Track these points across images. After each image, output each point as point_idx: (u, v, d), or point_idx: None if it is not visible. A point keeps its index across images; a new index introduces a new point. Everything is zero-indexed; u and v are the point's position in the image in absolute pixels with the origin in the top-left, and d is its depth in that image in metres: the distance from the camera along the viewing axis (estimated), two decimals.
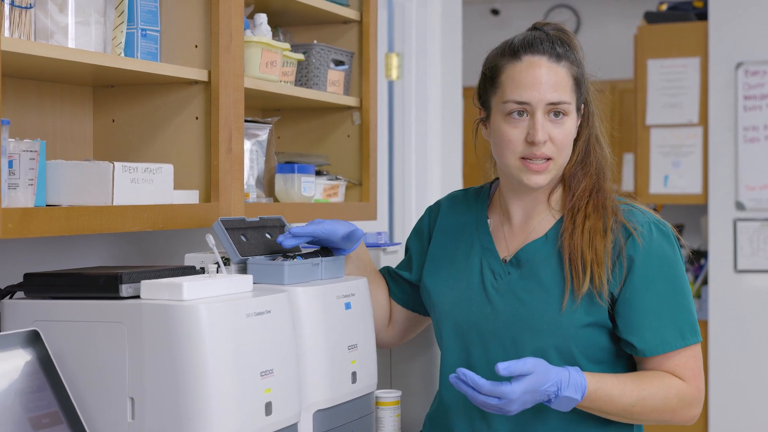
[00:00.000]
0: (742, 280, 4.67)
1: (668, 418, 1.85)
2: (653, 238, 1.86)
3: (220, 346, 1.56)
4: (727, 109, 4.72)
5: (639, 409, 1.82)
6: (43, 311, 1.64)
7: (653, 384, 1.83)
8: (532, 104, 1.84)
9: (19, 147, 1.65)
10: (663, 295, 1.85)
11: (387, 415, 1.97)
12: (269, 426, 1.64)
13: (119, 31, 1.89)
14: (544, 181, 1.87)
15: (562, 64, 1.87)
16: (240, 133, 2.09)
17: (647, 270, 1.85)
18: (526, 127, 1.85)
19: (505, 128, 1.87)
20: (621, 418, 1.85)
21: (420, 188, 4.24)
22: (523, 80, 1.85)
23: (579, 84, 1.90)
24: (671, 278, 1.86)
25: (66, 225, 1.66)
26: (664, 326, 1.84)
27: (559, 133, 1.85)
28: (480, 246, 1.96)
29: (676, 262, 1.87)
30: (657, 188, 4.89)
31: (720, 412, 4.67)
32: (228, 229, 1.82)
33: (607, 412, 1.82)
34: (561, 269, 1.87)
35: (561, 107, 1.85)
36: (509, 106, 1.86)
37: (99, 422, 1.59)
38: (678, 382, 1.85)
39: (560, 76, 1.86)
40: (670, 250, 1.87)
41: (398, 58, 4.13)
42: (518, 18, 7.36)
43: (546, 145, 1.85)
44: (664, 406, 1.83)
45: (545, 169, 1.86)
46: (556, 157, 1.86)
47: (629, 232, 1.86)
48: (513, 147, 1.86)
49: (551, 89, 1.84)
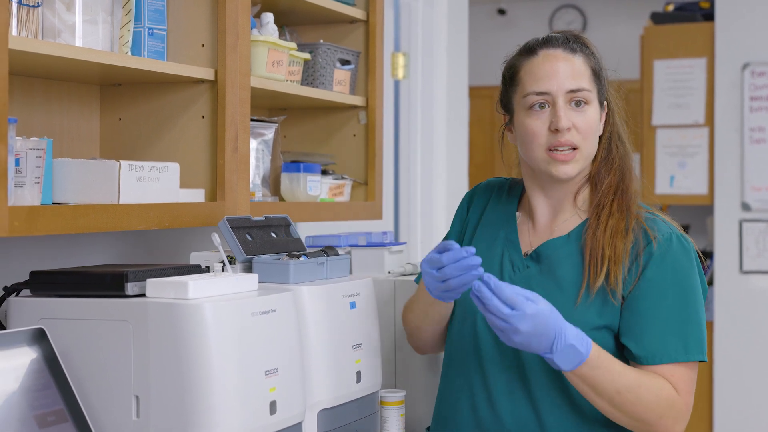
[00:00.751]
0: (748, 281, 4.66)
1: (652, 422, 1.80)
2: (671, 249, 1.85)
3: (225, 345, 1.56)
4: (733, 110, 4.72)
5: (631, 398, 1.78)
6: (49, 309, 1.65)
7: (651, 379, 1.81)
8: (552, 93, 1.86)
9: (26, 145, 1.65)
10: (671, 306, 1.83)
11: (391, 414, 1.97)
12: (274, 425, 1.65)
13: (126, 29, 1.89)
14: (572, 171, 1.87)
15: (577, 55, 1.89)
16: (246, 132, 2.09)
17: (659, 278, 1.83)
18: (548, 118, 1.86)
19: (528, 122, 1.88)
20: (608, 405, 1.79)
21: (425, 188, 4.24)
22: (541, 72, 1.87)
23: (598, 76, 1.91)
24: (683, 291, 1.84)
25: (72, 223, 1.66)
26: (667, 336, 1.82)
27: (582, 121, 1.86)
28: (504, 237, 1.96)
29: (691, 277, 1.86)
30: (663, 189, 4.88)
31: (725, 413, 4.67)
32: (233, 228, 1.82)
33: (601, 390, 1.77)
34: (579, 267, 1.87)
35: (581, 95, 1.87)
36: (530, 99, 1.87)
37: (104, 420, 1.60)
38: (673, 390, 1.82)
39: (577, 65, 1.88)
40: (687, 264, 1.86)
41: (404, 58, 4.13)
42: (524, 18, 7.36)
43: (570, 133, 1.86)
44: (655, 405, 1.79)
45: (572, 158, 1.87)
46: (581, 145, 1.87)
47: (649, 239, 1.86)
48: (538, 139, 1.87)
49: (569, 77, 1.86)
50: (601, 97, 1.92)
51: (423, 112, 4.21)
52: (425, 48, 4.20)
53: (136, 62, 1.87)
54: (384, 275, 2.31)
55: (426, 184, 4.23)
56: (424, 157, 4.22)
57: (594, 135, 1.90)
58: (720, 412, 4.67)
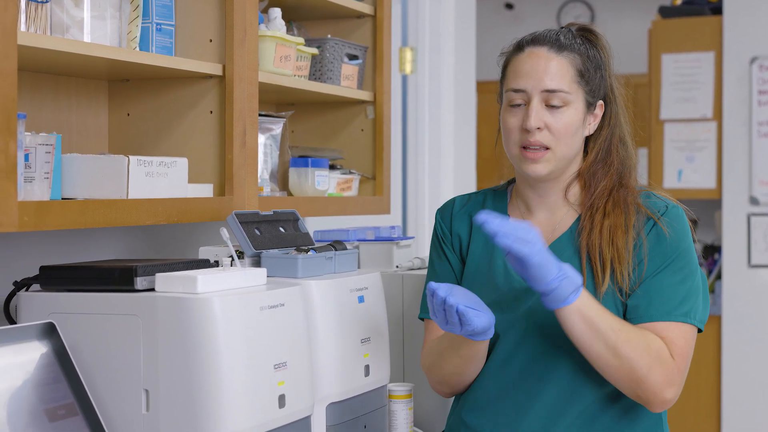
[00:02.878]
0: (756, 275, 4.65)
1: (643, 374, 1.77)
2: (666, 219, 1.86)
3: (234, 339, 1.56)
4: (741, 104, 4.71)
5: (623, 338, 1.76)
6: (59, 304, 1.66)
7: (641, 330, 1.80)
8: (528, 91, 1.86)
9: (35, 141, 1.66)
10: (666, 271, 1.84)
11: (399, 408, 1.98)
12: (282, 418, 1.65)
13: (134, 25, 1.89)
14: (542, 171, 1.87)
15: (563, 54, 1.88)
16: (254, 127, 2.09)
17: (656, 248, 1.85)
18: (522, 116, 1.87)
19: (505, 117, 1.90)
20: (605, 348, 1.76)
21: (433, 182, 4.24)
22: (521, 69, 1.88)
23: (585, 76, 1.89)
24: (679, 258, 1.85)
25: (81, 218, 1.66)
26: (661, 297, 1.82)
27: (556, 121, 1.86)
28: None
29: (686, 244, 1.87)
30: (671, 183, 4.87)
31: (733, 406, 4.66)
32: (242, 223, 1.83)
33: (598, 326, 1.75)
34: (580, 268, 1.86)
35: (559, 96, 1.86)
36: (509, 95, 1.89)
37: (114, 414, 1.61)
38: (664, 345, 1.80)
39: (559, 65, 1.87)
40: (681, 232, 1.87)
41: (412, 53, 4.13)
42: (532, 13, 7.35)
43: (542, 133, 1.86)
44: (644, 352, 1.77)
45: (542, 157, 1.86)
46: (553, 146, 1.86)
47: (649, 219, 1.87)
48: (512, 136, 1.89)
49: (547, 77, 1.86)
50: (592, 98, 1.90)
51: (430, 106, 4.20)
52: (433, 43, 4.20)
53: (144, 58, 1.88)
54: (392, 270, 2.31)
55: (434, 179, 4.23)
56: (431, 152, 4.22)
57: (571, 136, 1.88)
58: (728, 405, 4.67)
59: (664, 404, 1.81)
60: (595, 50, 1.92)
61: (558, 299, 1.74)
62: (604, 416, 1.86)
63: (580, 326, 1.76)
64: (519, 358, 1.88)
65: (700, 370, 4.72)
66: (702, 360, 4.71)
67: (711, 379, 4.71)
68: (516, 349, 1.88)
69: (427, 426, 2.19)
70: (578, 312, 1.75)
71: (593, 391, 1.85)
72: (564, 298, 1.74)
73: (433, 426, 2.18)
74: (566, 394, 1.85)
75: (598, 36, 1.94)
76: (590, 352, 1.79)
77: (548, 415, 1.85)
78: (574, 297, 1.74)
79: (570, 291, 1.74)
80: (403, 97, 4.16)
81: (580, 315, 1.76)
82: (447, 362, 1.91)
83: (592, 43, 1.93)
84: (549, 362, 1.86)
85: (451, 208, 2.05)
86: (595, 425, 1.85)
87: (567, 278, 1.73)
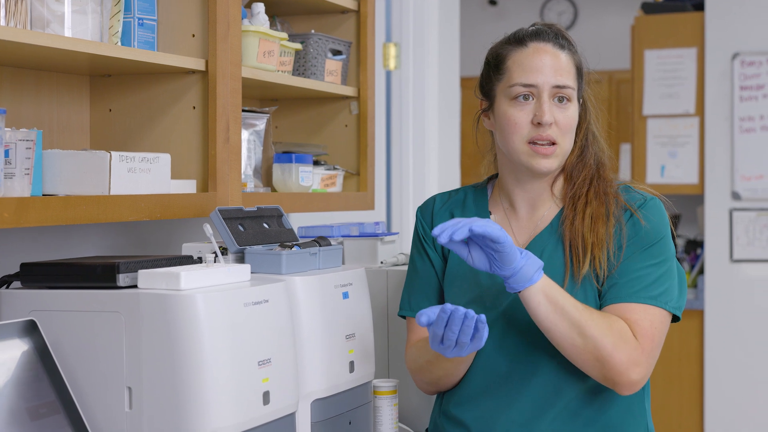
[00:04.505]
0: (738, 270, 4.68)
1: (607, 353, 1.78)
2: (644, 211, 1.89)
3: (218, 336, 1.55)
4: (723, 100, 4.72)
5: (587, 316, 1.78)
6: (40, 301, 1.64)
7: (599, 311, 1.82)
8: (539, 86, 1.87)
9: (16, 136, 1.65)
10: (640, 259, 1.86)
11: (385, 404, 1.97)
12: (267, 415, 1.64)
13: (116, 20, 1.88)
14: (552, 165, 1.89)
15: (565, 52, 1.92)
16: (237, 123, 2.08)
17: (634, 239, 1.87)
18: (532, 110, 1.88)
19: (511, 112, 1.89)
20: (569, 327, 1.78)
21: (418, 178, 4.24)
22: (530, 64, 1.89)
23: (581, 74, 1.94)
24: (654, 246, 1.87)
25: (63, 214, 1.65)
26: (629, 281, 1.84)
27: (563, 117, 1.89)
28: None
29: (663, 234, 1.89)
30: (653, 178, 4.89)
31: (716, 399, 4.68)
32: (225, 219, 1.82)
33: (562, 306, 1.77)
34: (563, 257, 1.88)
35: (565, 92, 1.89)
36: (516, 89, 1.88)
37: (96, 412, 1.59)
38: (626, 326, 1.81)
39: (565, 62, 1.90)
40: (659, 223, 1.89)
41: (396, 48, 4.12)
42: (516, 9, 7.35)
43: (552, 128, 1.88)
44: (607, 329, 1.78)
45: (552, 152, 1.89)
46: (560, 141, 1.89)
47: (627, 210, 1.89)
48: (520, 130, 1.88)
49: (556, 73, 1.88)
50: (580, 94, 1.95)
51: (415, 102, 4.20)
52: (417, 38, 4.20)
53: (126, 53, 1.86)
54: (376, 265, 2.31)
55: (418, 174, 4.23)
56: (416, 147, 4.22)
57: (572, 132, 1.92)
58: (711, 398, 4.69)
59: (631, 385, 1.82)
60: (573, 47, 1.96)
61: (524, 279, 1.76)
62: (587, 409, 1.86)
63: (545, 306, 1.78)
64: (504, 351, 1.89)
65: (683, 363, 4.74)
66: (685, 354, 4.73)
67: (694, 373, 4.73)
68: (501, 343, 1.89)
69: (412, 421, 2.19)
70: (542, 291, 1.78)
71: (578, 382, 1.86)
72: (529, 277, 1.76)
73: (419, 421, 2.18)
74: (551, 385, 1.86)
75: (571, 39, 1.98)
76: (555, 333, 1.80)
77: (534, 407, 1.87)
78: (537, 276, 1.77)
79: (534, 270, 1.77)
80: (387, 92, 4.16)
81: (544, 294, 1.78)
82: (436, 368, 1.92)
83: (567, 39, 1.96)
84: (534, 354, 1.87)
85: (431, 206, 2.05)
86: (579, 417, 1.86)
87: (530, 259, 1.77)
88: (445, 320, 1.70)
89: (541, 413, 1.86)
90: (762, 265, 4.65)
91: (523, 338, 1.87)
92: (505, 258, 1.74)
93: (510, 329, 1.89)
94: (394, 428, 1.98)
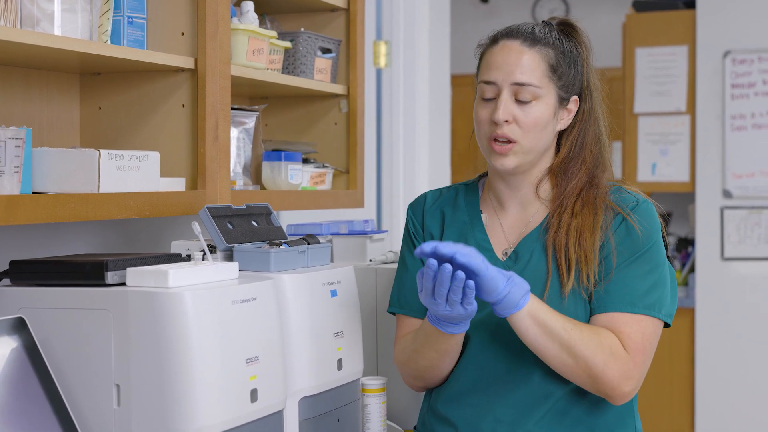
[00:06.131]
0: (729, 268, 4.69)
1: (599, 370, 1.78)
2: (636, 214, 1.87)
3: (206, 333, 1.56)
4: (714, 98, 4.74)
5: (577, 336, 1.78)
6: (29, 298, 1.65)
7: (592, 326, 1.81)
8: (498, 83, 1.87)
9: (5, 134, 1.65)
10: (632, 266, 1.84)
11: (373, 402, 1.98)
12: (255, 413, 1.65)
13: (106, 18, 1.88)
14: (510, 164, 1.88)
15: (536, 49, 1.88)
16: (227, 121, 2.09)
17: (624, 243, 1.85)
18: (492, 108, 1.88)
19: (476, 109, 1.91)
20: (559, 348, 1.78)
21: (408, 176, 4.24)
22: (493, 61, 1.89)
23: (557, 71, 1.89)
24: (646, 252, 1.85)
25: (52, 212, 1.66)
26: (620, 291, 1.83)
27: (524, 115, 1.86)
28: (476, 245, 1.91)
29: (654, 239, 1.87)
30: (645, 176, 4.90)
31: (707, 397, 4.70)
32: (214, 217, 1.82)
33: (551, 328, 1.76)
34: (547, 267, 1.87)
35: (528, 89, 1.86)
36: (481, 87, 1.90)
37: (85, 409, 1.60)
38: (617, 340, 1.81)
39: (530, 60, 1.87)
40: (651, 226, 1.87)
41: (386, 46, 4.13)
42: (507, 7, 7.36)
43: (510, 127, 1.86)
44: (598, 348, 1.78)
45: (509, 150, 1.87)
46: (520, 140, 1.87)
47: (618, 214, 1.87)
48: (482, 128, 1.90)
49: (518, 70, 1.86)
50: (565, 93, 1.90)
51: (405, 100, 4.21)
52: (407, 36, 4.20)
53: (115, 51, 1.87)
54: (365, 263, 2.32)
55: (408, 173, 4.24)
56: (406, 146, 4.23)
57: (540, 130, 1.88)
58: (701, 396, 4.71)
59: (623, 397, 1.83)
60: (573, 45, 1.92)
61: (510, 305, 1.75)
62: (575, 409, 1.87)
63: (534, 329, 1.78)
64: (493, 350, 1.89)
65: (673, 362, 4.75)
66: (675, 352, 4.75)
67: (684, 371, 4.75)
68: (490, 341, 1.89)
69: (401, 419, 2.19)
70: (530, 315, 1.77)
71: (566, 382, 1.86)
72: (515, 303, 1.75)
73: (407, 419, 2.18)
74: (539, 385, 1.86)
75: (578, 31, 1.94)
76: (546, 354, 1.80)
77: (521, 406, 1.87)
78: (524, 301, 1.76)
79: (520, 295, 1.76)
80: (378, 90, 4.16)
81: (532, 318, 1.77)
82: (423, 357, 1.91)
83: (571, 37, 1.93)
84: (522, 353, 1.87)
85: (422, 203, 2.04)
86: (567, 417, 1.87)
87: (516, 285, 1.75)
88: (432, 276, 1.70)
89: (528, 412, 1.86)
90: (753, 263, 4.66)
91: (512, 337, 1.87)
92: (486, 286, 1.72)
93: (499, 328, 1.88)
94: (382, 426, 1.98)
